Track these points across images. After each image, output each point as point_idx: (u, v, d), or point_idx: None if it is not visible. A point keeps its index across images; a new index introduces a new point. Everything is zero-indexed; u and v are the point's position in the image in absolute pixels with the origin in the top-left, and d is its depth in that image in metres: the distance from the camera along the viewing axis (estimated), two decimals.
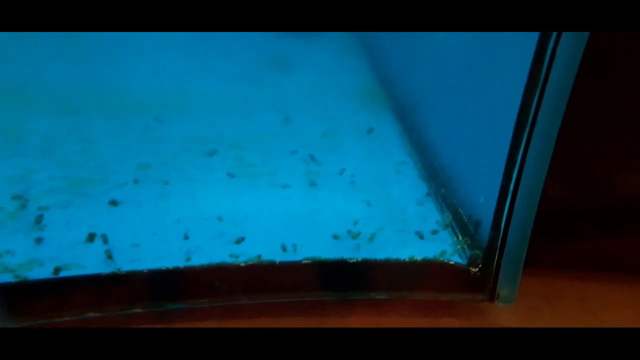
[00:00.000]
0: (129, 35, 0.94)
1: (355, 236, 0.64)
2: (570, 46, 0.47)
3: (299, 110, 0.91)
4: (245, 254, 0.59)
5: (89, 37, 0.96)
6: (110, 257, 0.57)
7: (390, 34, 0.97)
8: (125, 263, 0.57)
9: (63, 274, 0.54)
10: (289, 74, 1.03)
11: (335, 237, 0.63)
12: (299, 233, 0.63)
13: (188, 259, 0.58)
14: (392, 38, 0.99)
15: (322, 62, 1.12)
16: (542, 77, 0.49)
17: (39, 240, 0.58)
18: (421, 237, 0.65)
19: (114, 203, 0.65)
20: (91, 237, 0.59)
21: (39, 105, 0.83)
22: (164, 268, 0.56)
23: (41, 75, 0.90)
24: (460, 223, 0.65)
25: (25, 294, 0.53)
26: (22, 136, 0.76)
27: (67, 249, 0.58)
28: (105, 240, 0.59)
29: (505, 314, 0.60)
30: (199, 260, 0.58)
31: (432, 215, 0.68)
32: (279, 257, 0.59)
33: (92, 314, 0.53)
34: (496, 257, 0.57)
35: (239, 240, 0.62)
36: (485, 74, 0.62)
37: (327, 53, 1.14)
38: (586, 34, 0.46)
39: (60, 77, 0.90)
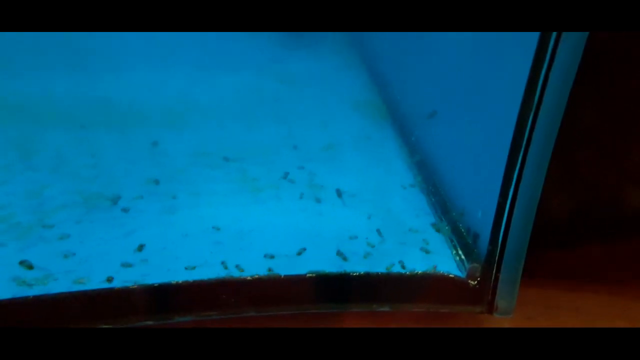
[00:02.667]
0: (133, 49, 0.96)
1: (356, 250, 0.65)
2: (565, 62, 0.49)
3: (300, 123, 0.93)
4: (250, 268, 0.60)
5: (93, 52, 0.98)
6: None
7: (390, 46, 0.99)
8: (134, 276, 0.58)
9: (77, 287, 0.56)
10: (289, 86, 1.05)
11: (338, 250, 0.65)
12: (302, 247, 0.65)
13: (195, 272, 0.59)
14: (392, 50, 1.01)
15: (322, 74, 1.13)
16: (536, 98, 0.51)
17: (54, 255, 0.60)
18: (421, 250, 0.66)
19: (123, 217, 0.67)
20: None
21: (48, 120, 0.85)
22: (173, 282, 0.58)
23: (48, 91, 0.92)
24: (459, 236, 0.67)
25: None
26: (33, 151, 0.77)
27: (82, 264, 0.59)
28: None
29: (503, 324, 0.61)
30: (207, 273, 0.59)
31: (431, 229, 0.70)
32: (283, 270, 0.60)
33: (104, 326, 0.55)
34: (494, 270, 0.59)
35: (245, 253, 0.63)
36: (483, 91, 0.64)
37: (327, 65, 1.15)
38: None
39: (67, 91, 0.92)
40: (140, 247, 0.62)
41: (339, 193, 0.75)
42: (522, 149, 0.54)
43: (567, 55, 0.49)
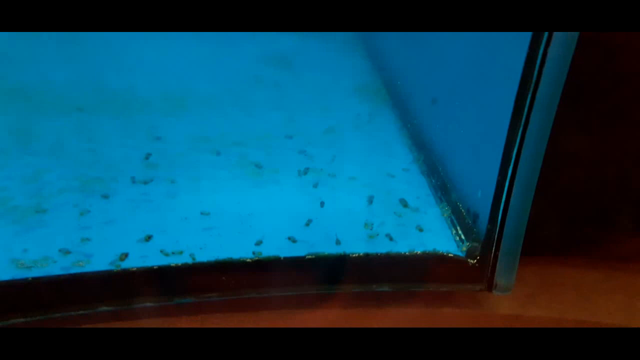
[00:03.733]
0: (133, 34, 0.96)
1: (356, 231, 0.65)
2: (561, 44, 0.49)
3: (301, 108, 0.93)
4: (249, 251, 0.61)
5: (92, 37, 0.98)
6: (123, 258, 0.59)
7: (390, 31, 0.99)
8: (135, 260, 0.58)
9: (75, 270, 0.56)
10: (289, 72, 1.05)
11: (338, 232, 0.65)
12: (302, 229, 0.65)
13: (194, 255, 0.60)
14: (392, 35, 1.01)
15: (322, 59, 1.13)
16: (535, 74, 0.51)
17: (52, 238, 0.60)
18: (421, 230, 0.66)
19: (122, 201, 0.67)
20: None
21: (46, 105, 0.85)
22: (172, 264, 0.58)
23: (47, 76, 0.92)
24: (459, 216, 0.67)
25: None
26: (32, 136, 0.78)
27: (80, 246, 0.59)
28: None
29: (503, 302, 0.62)
30: (206, 256, 0.59)
31: (431, 209, 0.70)
32: (283, 252, 0.60)
33: (105, 308, 0.55)
34: (493, 248, 0.59)
35: (245, 237, 0.63)
36: (482, 70, 0.63)
37: (327, 50, 1.15)
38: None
39: (66, 76, 0.92)
40: (140, 231, 0.62)
41: (338, 176, 0.75)
42: (521, 127, 0.54)
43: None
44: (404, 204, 0.71)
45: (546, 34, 0.48)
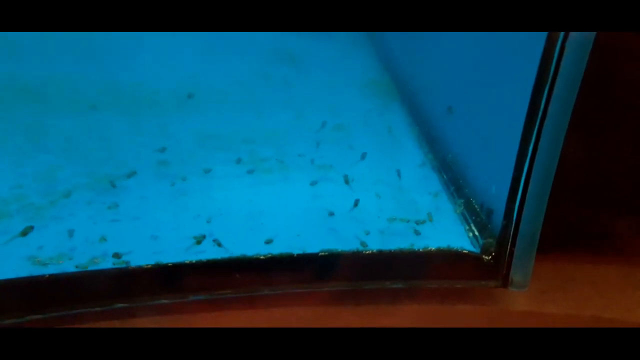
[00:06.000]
0: (142, 33, 0.96)
1: (368, 228, 0.65)
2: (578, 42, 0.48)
3: (309, 105, 0.93)
4: (261, 248, 0.60)
5: (102, 36, 0.98)
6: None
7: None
8: (147, 256, 0.58)
9: (91, 268, 0.56)
10: (297, 68, 1.05)
11: (350, 229, 0.65)
12: (314, 226, 0.65)
13: (207, 252, 0.60)
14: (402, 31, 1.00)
15: (330, 55, 1.13)
16: (552, 68, 0.50)
17: (67, 235, 0.60)
18: (434, 226, 0.66)
19: (134, 198, 0.67)
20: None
21: (57, 103, 0.85)
22: (186, 261, 0.58)
23: (57, 73, 0.92)
24: (473, 212, 0.66)
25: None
26: (44, 134, 0.78)
27: (94, 244, 0.59)
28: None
29: (519, 298, 0.61)
30: (219, 253, 0.59)
31: (444, 205, 0.70)
32: (295, 249, 0.60)
33: (119, 305, 0.55)
34: (509, 244, 0.58)
35: (256, 234, 0.63)
36: (497, 63, 0.63)
37: (335, 46, 1.15)
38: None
39: (76, 74, 0.92)
40: (153, 228, 0.62)
41: (349, 172, 0.75)
42: (538, 121, 0.53)
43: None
44: (416, 200, 0.70)
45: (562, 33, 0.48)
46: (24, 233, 0.59)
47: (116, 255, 0.58)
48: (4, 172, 0.70)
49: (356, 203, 0.68)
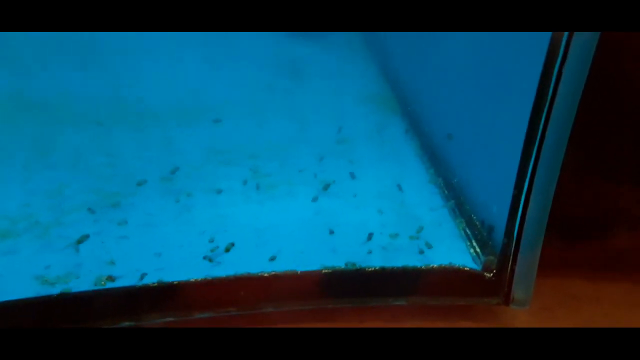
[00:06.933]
0: (145, 45, 0.97)
1: (371, 244, 0.65)
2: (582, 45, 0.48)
3: (311, 117, 0.93)
4: (266, 264, 0.61)
5: (106, 49, 0.99)
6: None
7: (399, 38, 0.99)
8: (151, 274, 0.59)
9: (98, 287, 0.57)
10: (299, 81, 1.05)
11: (353, 245, 0.65)
12: (317, 242, 0.65)
13: (212, 269, 0.60)
14: (401, 42, 1.00)
15: (332, 68, 1.13)
16: (550, 89, 0.51)
17: (75, 253, 0.61)
18: (435, 243, 0.66)
19: (141, 215, 0.68)
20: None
21: (63, 118, 0.86)
22: (192, 279, 0.58)
23: (64, 89, 0.93)
24: (474, 229, 0.67)
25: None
26: (51, 149, 0.79)
27: (100, 262, 0.60)
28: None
29: (520, 315, 0.62)
30: (225, 270, 0.60)
31: (446, 222, 0.70)
32: (299, 266, 0.61)
33: (127, 323, 0.56)
34: (510, 262, 0.59)
35: (261, 251, 0.64)
36: (497, 83, 0.63)
37: (336, 59, 1.15)
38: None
39: (81, 89, 0.93)
40: (157, 245, 0.63)
41: (351, 187, 0.76)
42: (537, 141, 0.54)
43: (582, 45, 0.48)
44: (418, 216, 0.71)
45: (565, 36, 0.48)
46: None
47: (117, 278, 0.58)
48: (13, 190, 0.70)
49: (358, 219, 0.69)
